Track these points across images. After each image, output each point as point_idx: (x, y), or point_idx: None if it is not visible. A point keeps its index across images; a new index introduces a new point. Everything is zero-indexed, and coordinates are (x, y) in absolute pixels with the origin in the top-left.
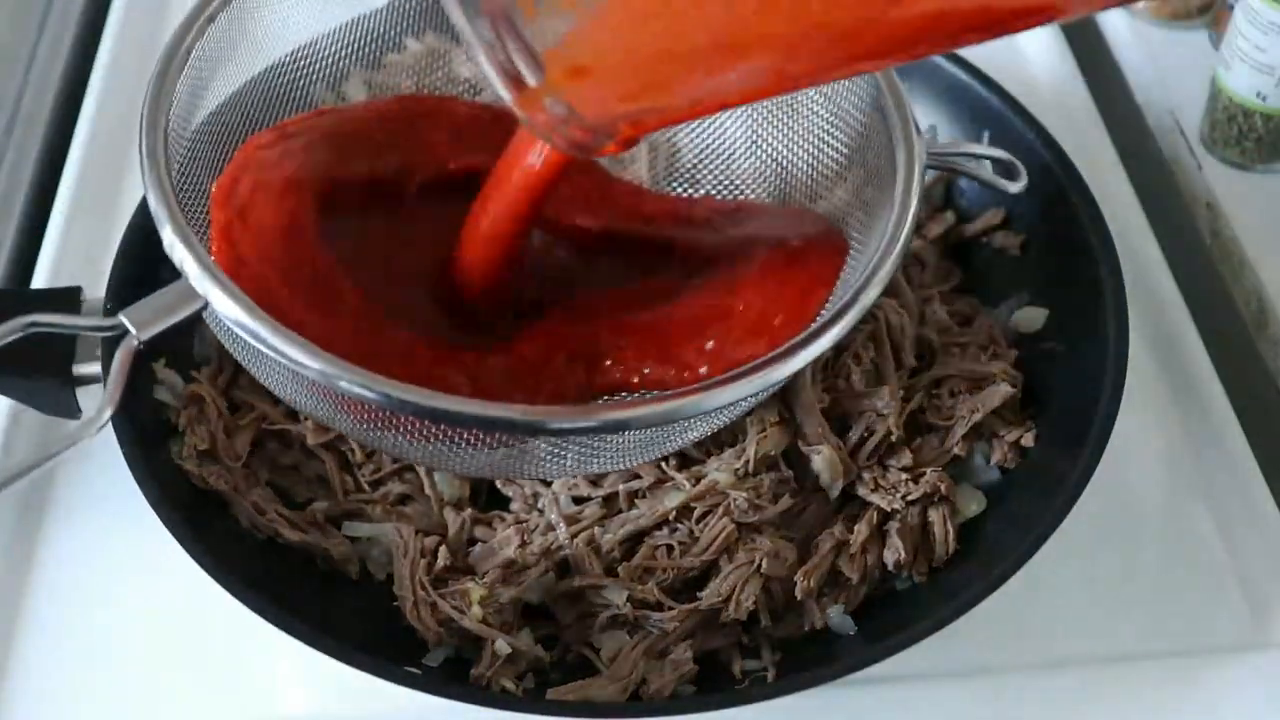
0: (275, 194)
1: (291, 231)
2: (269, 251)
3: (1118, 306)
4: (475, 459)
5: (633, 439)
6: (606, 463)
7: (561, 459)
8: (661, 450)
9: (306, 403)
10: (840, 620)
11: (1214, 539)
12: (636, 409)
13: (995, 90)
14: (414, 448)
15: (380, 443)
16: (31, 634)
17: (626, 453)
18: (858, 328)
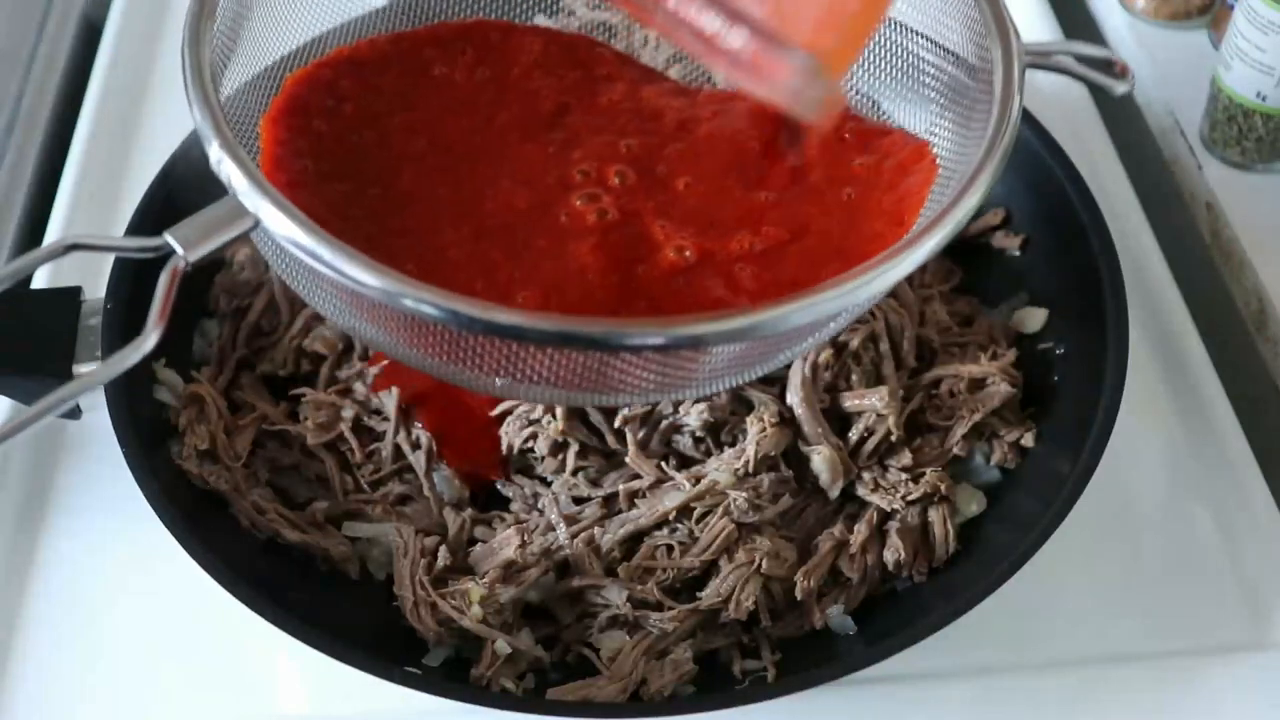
0: (333, 113)
1: (350, 149)
2: (328, 169)
3: (1118, 306)
4: (547, 379)
5: (729, 354)
6: (693, 383)
7: (641, 377)
8: (753, 370)
9: (365, 329)
10: (840, 620)
11: (1214, 539)
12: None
13: None
14: (477, 375)
15: (444, 371)
16: (31, 634)
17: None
18: (857, 326)
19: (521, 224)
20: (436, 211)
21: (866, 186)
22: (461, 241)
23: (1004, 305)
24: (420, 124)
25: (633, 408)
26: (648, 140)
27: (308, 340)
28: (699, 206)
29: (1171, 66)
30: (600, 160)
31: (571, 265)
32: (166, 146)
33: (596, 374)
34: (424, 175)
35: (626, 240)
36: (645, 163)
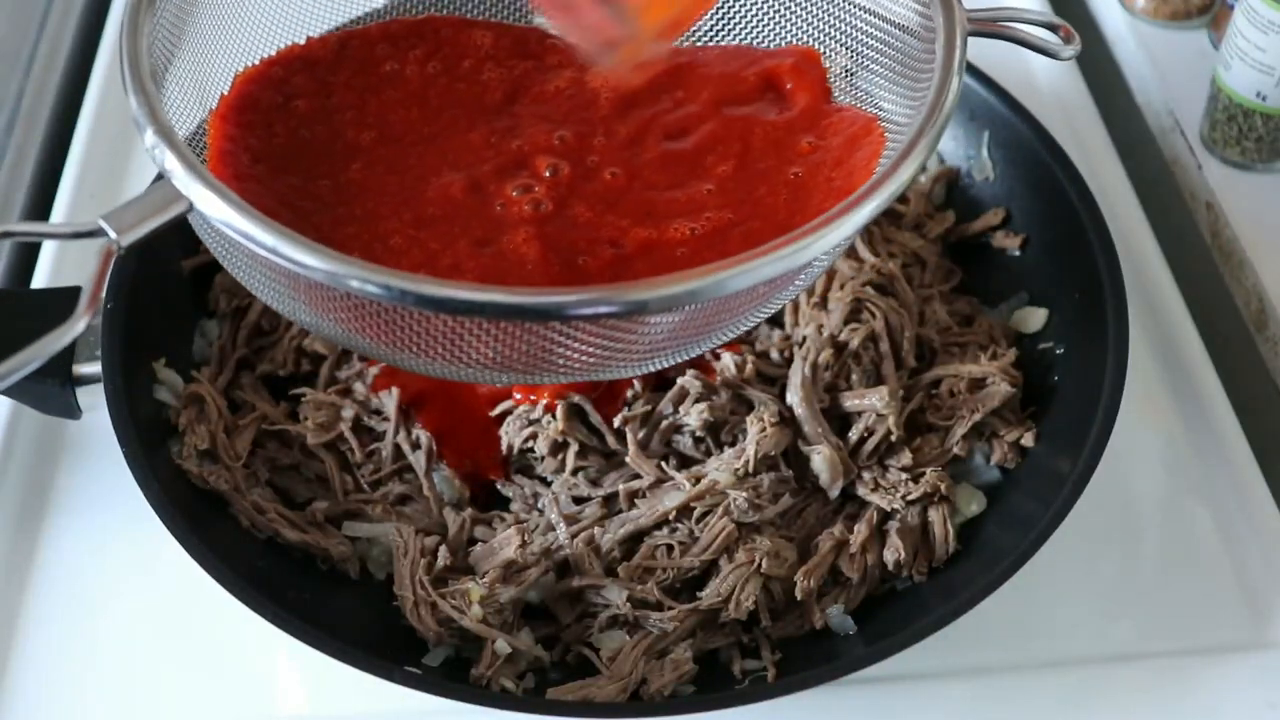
0: (285, 110)
1: (300, 143)
2: (280, 164)
3: (1118, 306)
4: (490, 357)
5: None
6: (633, 359)
7: (581, 351)
8: (712, 335)
9: (304, 313)
10: (840, 620)
11: (1214, 539)
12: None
13: (995, 90)
14: (418, 357)
15: (386, 354)
16: (31, 634)
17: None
18: (857, 326)
19: (460, 214)
20: (381, 201)
21: (814, 165)
22: (403, 229)
23: (1004, 305)
24: (370, 117)
25: (633, 408)
26: (583, 130)
27: (308, 340)
28: (637, 196)
29: (1171, 66)
30: (536, 150)
31: (510, 255)
32: None
33: (537, 351)
34: (371, 166)
35: (562, 231)
36: (579, 153)
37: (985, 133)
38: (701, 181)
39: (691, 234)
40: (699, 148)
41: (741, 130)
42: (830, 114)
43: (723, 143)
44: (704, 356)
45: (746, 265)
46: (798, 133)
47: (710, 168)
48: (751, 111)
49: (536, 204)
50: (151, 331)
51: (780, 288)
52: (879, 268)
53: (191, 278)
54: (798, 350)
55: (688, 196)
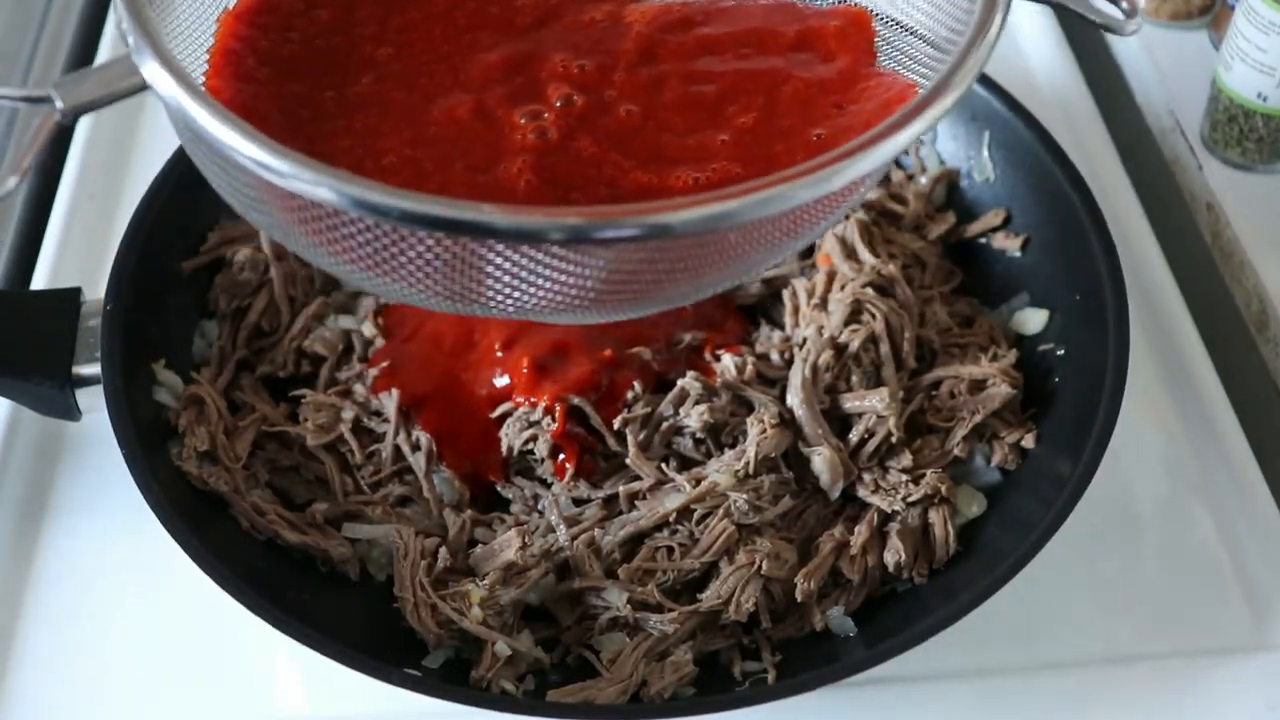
0: (306, 17)
1: (315, 52)
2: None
3: (1118, 306)
4: (414, 274)
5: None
6: (582, 303)
7: (517, 285)
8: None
9: (254, 212)
10: (840, 621)
11: (1214, 539)
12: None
13: (996, 91)
14: (354, 269)
15: (329, 264)
16: (31, 634)
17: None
18: (857, 327)
19: (462, 136)
20: (384, 118)
21: (840, 129)
22: (400, 147)
23: (1004, 306)
24: (391, 34)
25: (633, 409)
26: (606, 63)
27: (308, 341)
28: (648, 138)
29: (1172, 67)
30: (553, 78)
31: (503, 184)
32: (167, 146)
33: (470, 275)
34: (381, 82)
35: (561, 164)
36: (598, 86)
37: (986, 133)
38: (718, 131)
39: (694, 183)
40: (723, 96)
41: (770, 84)
42: (869, 78)
43: (748, 94)
44: (704, 358)
45: (711, 202)
46: (830, 93)
47: (731, 118)
48: (786, 66)
49: (541, 132)
50: (151, 332)
51: (756, 239)
52: (879, 269)
53: (191, 278)
54: (798, 352)
55: (699, 144)
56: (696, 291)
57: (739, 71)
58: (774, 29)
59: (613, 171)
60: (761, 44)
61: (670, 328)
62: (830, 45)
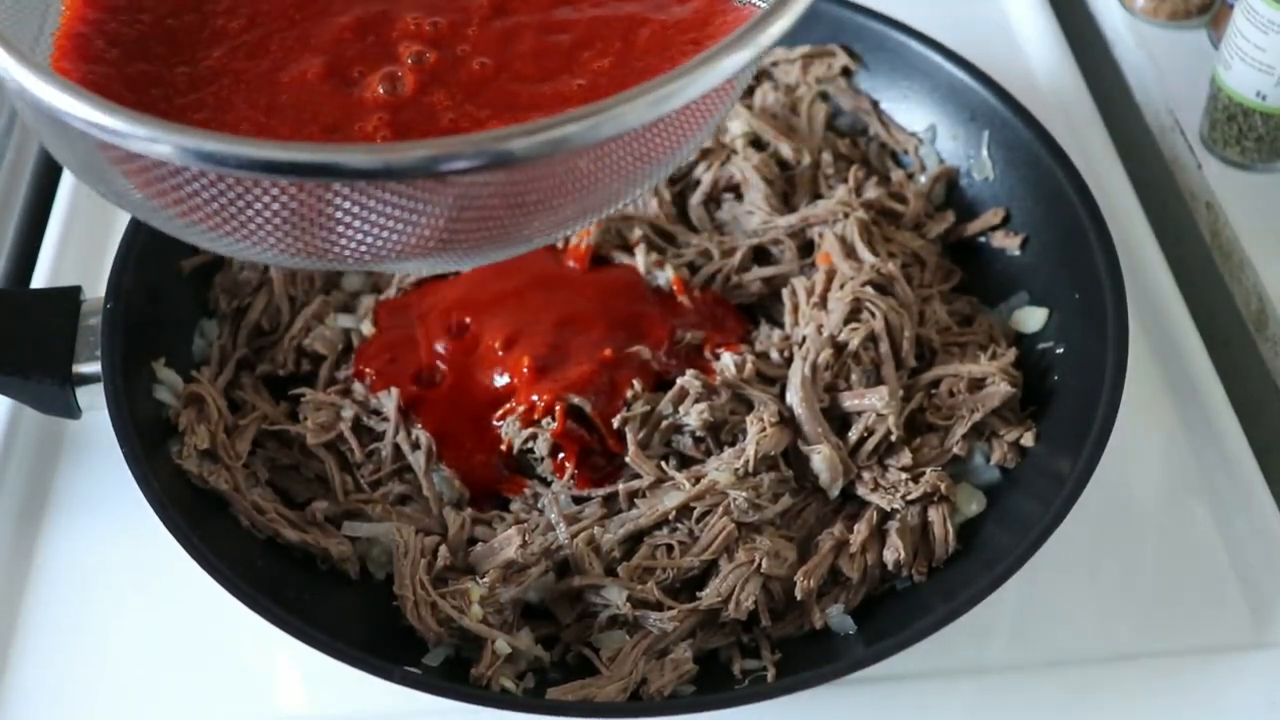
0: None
1: (165, 30)
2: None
3: (1117, 305)
4: (264, 227)
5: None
6: (435, 243)
7: (367, 229)
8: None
9: (95, 179)
10: (840, 620)
11: (1214, 539)
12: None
13: (996, 90)
14: (202, 230)
15: (178, 228)
16: (31, 634)
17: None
18: (857, 326)
19: (314, 99)
20: (236, 89)
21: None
22: (254, 116)
23: (1004, 305)
24: (244, 5)
25: (633, 408)
26: (459, 19)
27: (308, 340)
28: (502, 88)
29: (1171, 66)
30: (404, 36)
31: (357, 140)
32: None
33: (319, 223)
34: (233, 53)
35: (416, 119)
36: (451, 41)
37: (985, 133)
38: (574, 77)
39: None
40: (578, 43)
41: (626, 28)
42: (725, 13)
43: (604, 39)
44: (704, 356)
45: (553, 122)
46: (686, 32)
47: (586, 63)
48: (643, 10)
49: (394, 90)
50: (151, 331)
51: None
52: (878, 268)
53: (191, 277)
54: (797, 350)
55: (555, 90)
56: (559, 226)
57: (595, 19)
58: None
59: (468, 123)
60: None
61: (670, 327)
62: None
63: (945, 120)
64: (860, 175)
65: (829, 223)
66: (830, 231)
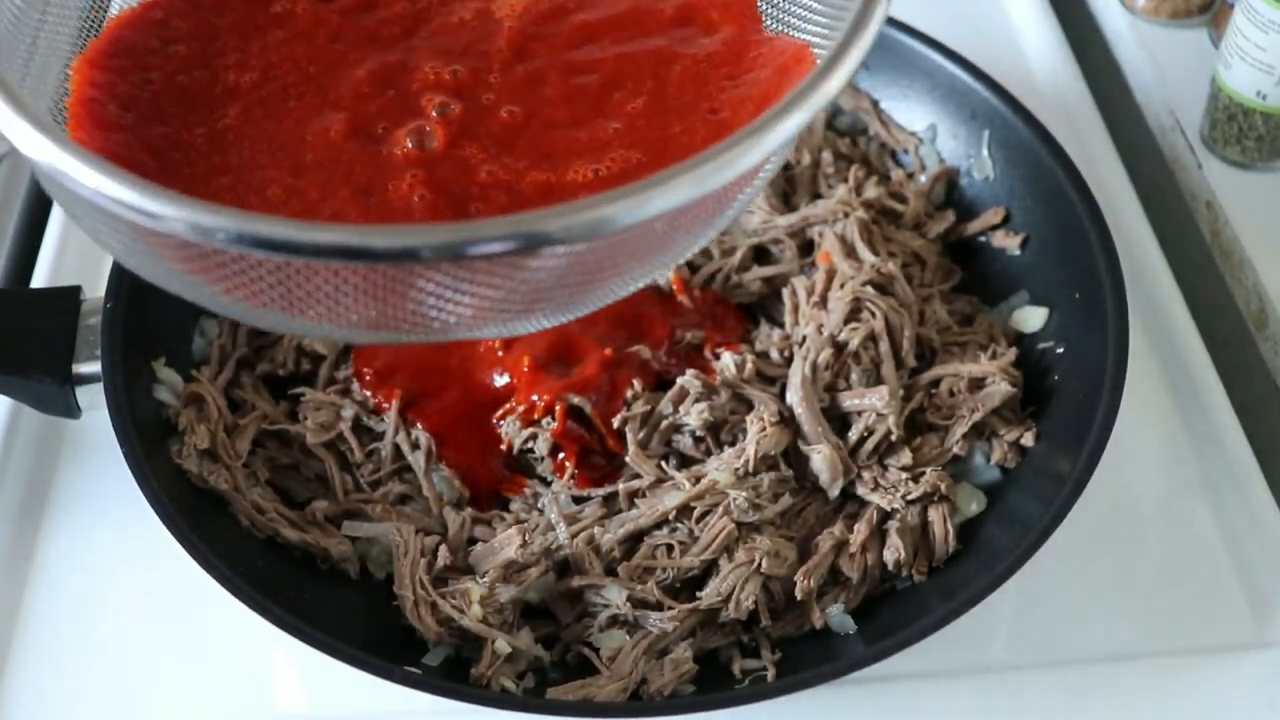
0: (163, 55)
1: (177, 90)
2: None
3: (1118, 306)
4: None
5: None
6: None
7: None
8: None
9: (138, 260)
10: (840, 620)
11: (1214, 539)
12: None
13: (996, 90)
14: (285, 316)
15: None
16: (31, 633)
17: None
18: (857, 325)
19: (341, 158)
20: (258, 149)
21: (738, 100)
22: (281, 178)
23: (1004, 305)
24: (254, 59)
25: (633, 408)
26: (480, 65)
27: (308, 340)
28: (535, 136)
29: (1171, 66)
30: (425, 88)
31: (396, 203)
32: None
33: (389, 301)
34: (249, 111)
35: (453, 175)
36: (474, 90)
37: (985, 132)
38: (608, 120)
39: (595, 176)
40: (607, 83)
41: (656, 64)
42: (759, 45)
43: (634, 79)
44: (704, 356)
45: (628, 195)
46: (720, 66)
47: (619, 104)
48: (669, 44)
49: (423, 145)
50: (151, 331)
51: (684, 228)
52: (879, 267)
53: None
54: (797, 350)
55: (591, 136)
56: (627, 285)
57: (621, 56)
58: (652, 7)
59: (507, 175)
60: (640, 24)
61: (670, 326)
62: (712, 16)
63: (945, 120)
64: (860, 175)
65: (829, 222)
66: (830, 231)
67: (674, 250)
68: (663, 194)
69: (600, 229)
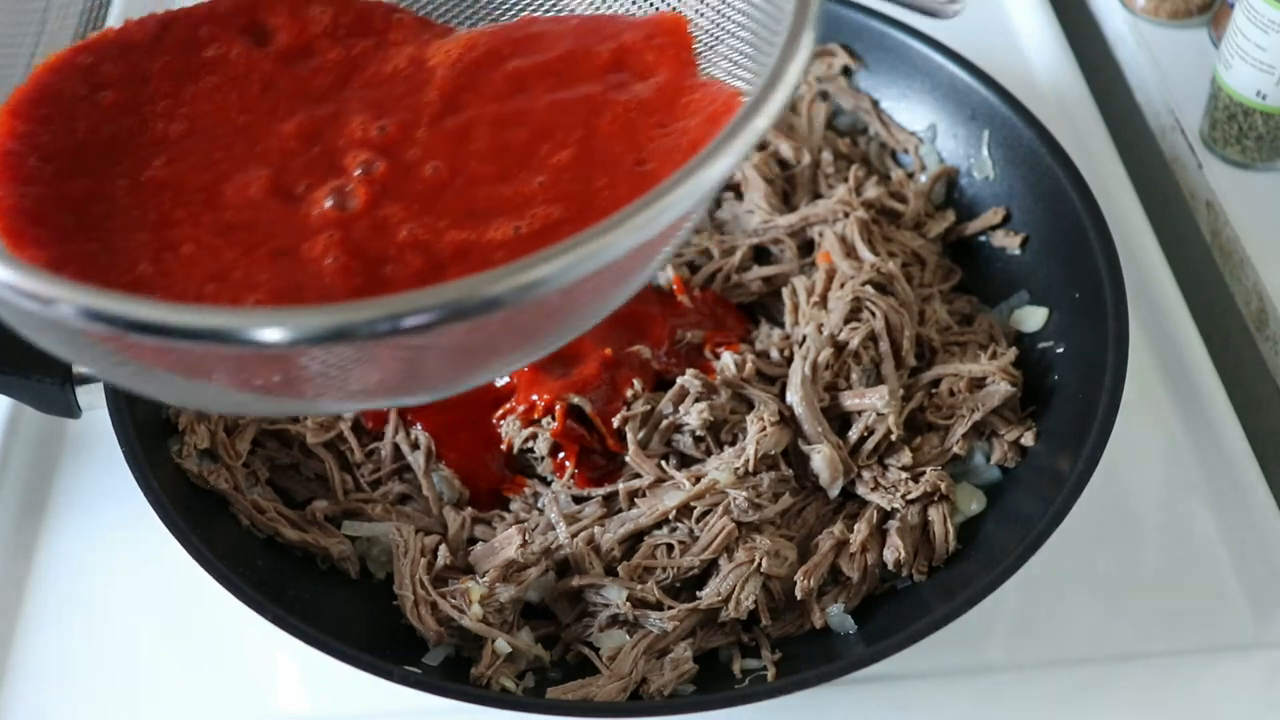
0: (90, 103)
1: (103, 140)
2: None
3: (1118, 306)
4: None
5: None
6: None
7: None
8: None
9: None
10: (840, 619)
11: (1214, 539)
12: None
13: (996, 89)
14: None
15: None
16: (31, 633)
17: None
18: (857, 325)
19: (260, 216)
20: (178, 203)
21: (667, 150)
22: (198, 236)
23: (1004, 304)
24: (184, 107)
25: (633, 407)
26: (408, 119)
27: None
28: (460, 193)
29: (1172, 65)
30: (351, 144)
31: (309, 265)
32: None
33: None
34: (174, 163)
35: (370, 236)
36: (400, 146)
37: (985, 132)
38: (533, 174)
39: (515, 233)
40: (536, 135)
41: (587, 113)
42: (691, 90)
43: (564, 129)
44: (704, 356)
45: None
46: (651, 114)
47: (545, 157)
48: (602, 90)
49: (344, 205)
50: None
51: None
52: (879, 267)
53: None
54: (798, 349)
55: (515, 191)
56: (529, 354)
57: (553, 104)
58: (587, 50)
59: (427, 235)
60: (575, 69)
61: (670, 326)
62: (647, 59)
63: (945, 119)
64: (860, 174)
65: (829, 222)
66: (830, 231)
67: (585, 314)
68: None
69: (457, 315)
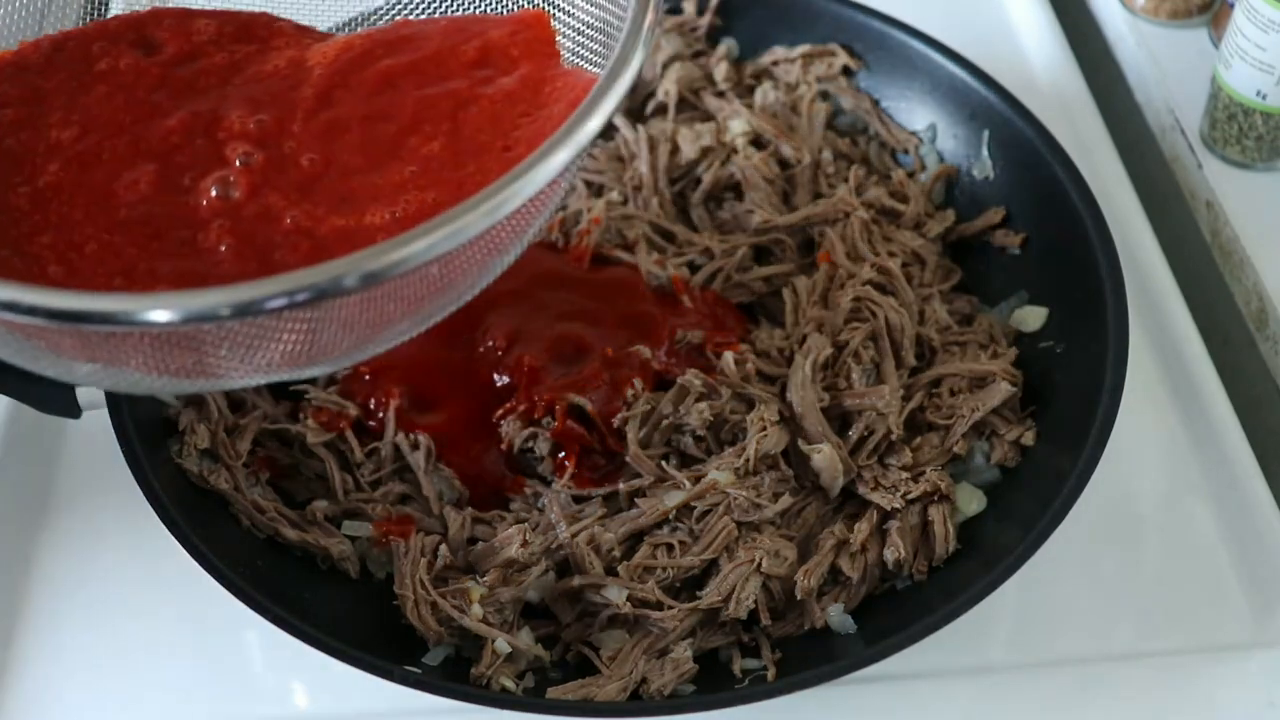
0: None
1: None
2: None
3: (1118, 306)
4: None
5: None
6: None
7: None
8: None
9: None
10: (840, 619)
11: (1214, 539)
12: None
13: (995, 89)
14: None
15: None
16: (31, 633)
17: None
18: (857, 325)
19: (154, 211)
20: (76, 204)
21: (532, 135)
22: (98, 234)
23: (1004, 304)
24: (76, 115)
25: (634, 407)
26: (284, 114)
27: None
28: (334, 183)
29: (1172, 65)
30: (230, 137)
31: (206, 255)
32: None
33: (185, 353)
34: (68, 166)
35: (257, 225)
36: (277, 138)
37: (985, 132)
38: (404, 164)
39: (392, 218)
40: (406, 128)
41: (454, 106)
42: (554, 79)
43: (431, 121)
44: (705, 355)
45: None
46: (517, 104)
47: (415, 148)
48: (469, 84)
49: (227, 195)
50: None
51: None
52: (879, 266)
53: None
54: (798, 349)
55: (386, 180)
56: (424, 321)
57: (422, 99)
58: (454, 49)
59: (309, 222)
60: (443, 67)
61: (671, 326)
62: (512, 54)
63: (945, 119)
64: (860, 174)
65: (829, 222)
66: (831, 230)
67: (468, 282)
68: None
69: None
